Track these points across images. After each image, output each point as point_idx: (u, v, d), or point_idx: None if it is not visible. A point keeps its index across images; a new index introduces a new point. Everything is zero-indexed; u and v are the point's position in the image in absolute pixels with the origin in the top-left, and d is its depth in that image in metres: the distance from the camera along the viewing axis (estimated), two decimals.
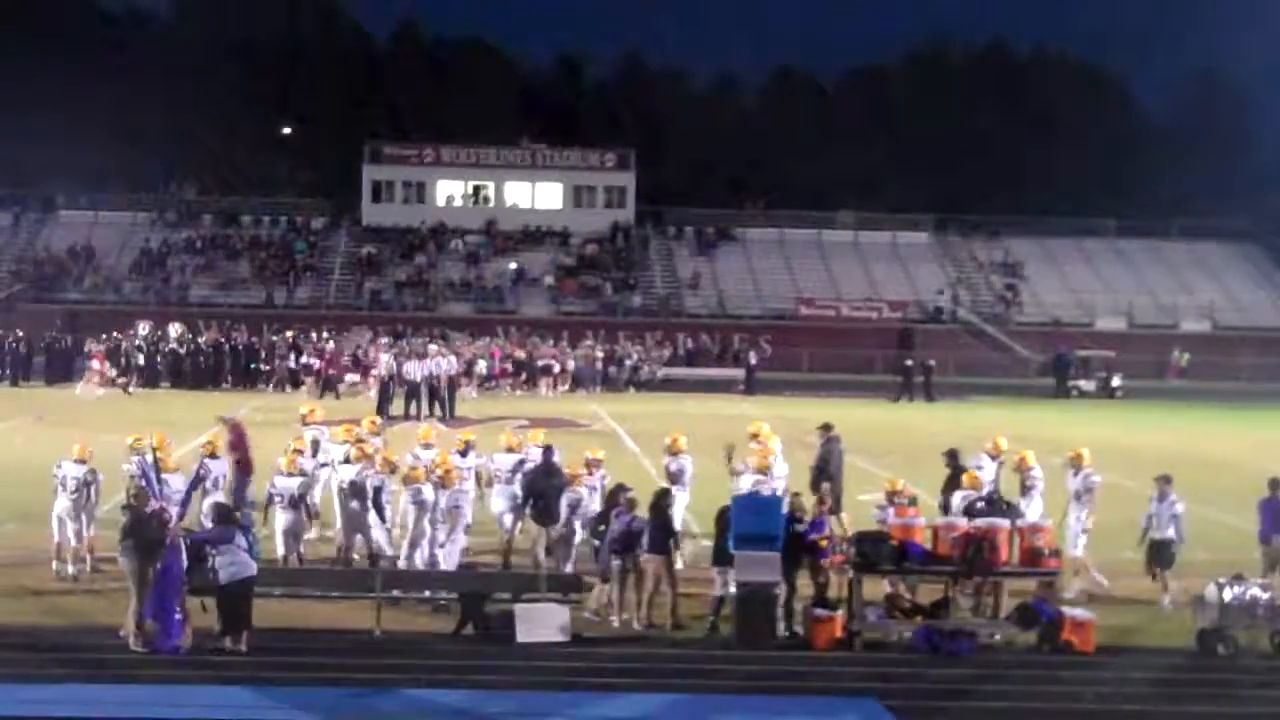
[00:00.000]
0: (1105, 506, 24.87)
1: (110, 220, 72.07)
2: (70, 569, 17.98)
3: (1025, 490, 19.31)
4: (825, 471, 21.31)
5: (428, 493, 17.48)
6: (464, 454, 19.28)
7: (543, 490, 18.28)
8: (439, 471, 17.94)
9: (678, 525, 18.32)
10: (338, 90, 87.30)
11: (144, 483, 15.77)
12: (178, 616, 14.77)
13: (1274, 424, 43.77)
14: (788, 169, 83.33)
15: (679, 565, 17.44)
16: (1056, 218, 74.30)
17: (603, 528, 17.15)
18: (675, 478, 19.88)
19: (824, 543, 16.49)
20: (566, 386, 50.72)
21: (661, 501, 17.17)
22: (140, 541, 15.07)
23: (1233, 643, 15.45)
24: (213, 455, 19.16)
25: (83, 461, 18.16)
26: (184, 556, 15.00)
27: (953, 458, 20.16)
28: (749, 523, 15.87)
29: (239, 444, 20.01)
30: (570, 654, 15.07)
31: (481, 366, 49.61)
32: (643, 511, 16.88)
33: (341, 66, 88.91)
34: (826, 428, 22.53)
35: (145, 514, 15.35)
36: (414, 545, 17.56)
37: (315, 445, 20.09)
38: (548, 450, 19.06)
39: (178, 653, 14.59)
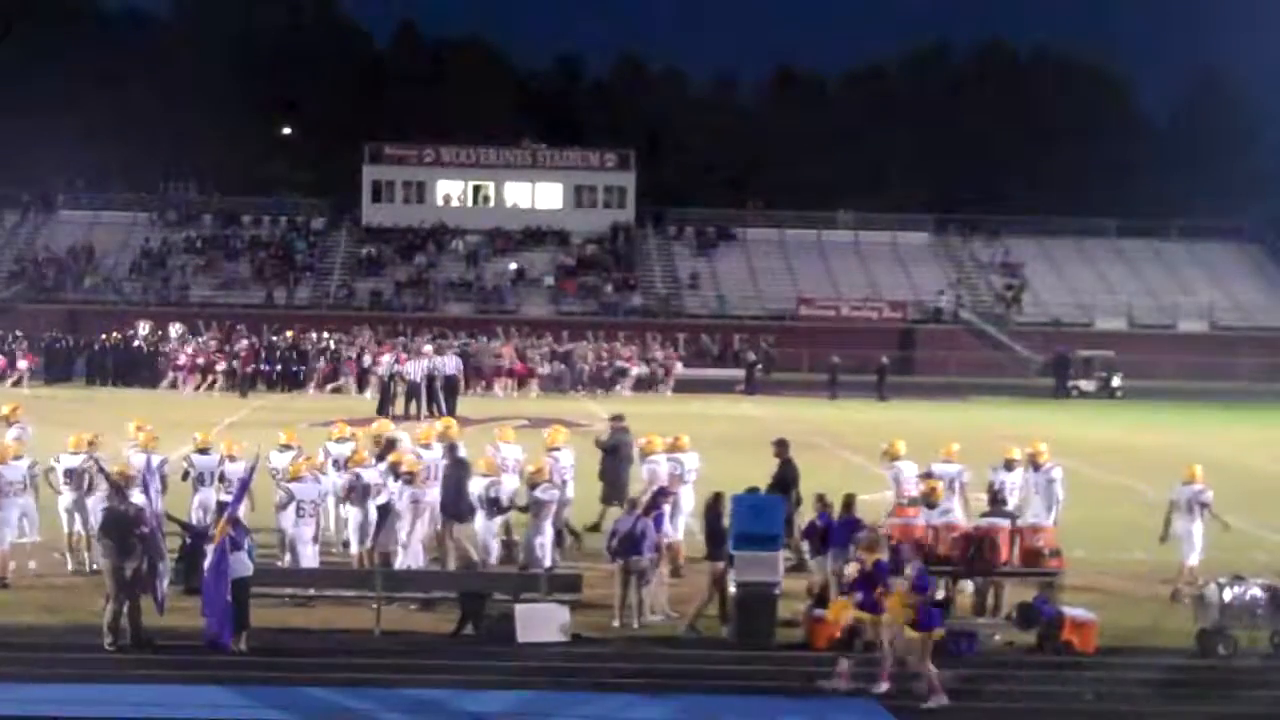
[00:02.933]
0: (1105, 506, 24.95)
1: (110, 220, 72.10)
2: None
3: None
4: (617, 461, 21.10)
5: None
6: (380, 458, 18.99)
7: (450, 486, 18.25)
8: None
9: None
10: (338, 90, 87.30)
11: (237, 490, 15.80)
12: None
13: (1274, 424, 43.79)
14: (788, 169, 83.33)
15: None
16: (1056, 218, 74.31)
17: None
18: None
19: None
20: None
21: (715, 508, 17.06)
22: (118, 540, 15.04)
23: (1233, 643, 15.44)
24: (203, 451, 19.16)
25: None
26: (229, 554, 14.97)
27: (782, 447, 20.09)
28: (749, 523, 15.86)
29: None
30: (570, 654, 15.07)
31: (546, 368, 50.59)
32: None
33: (341, 66, 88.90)
34: (617, 418, 22.53)
35: (122, 511, 15.29)
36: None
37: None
38: (452, 447, 18.98)
39: (229, 651, 14.59)
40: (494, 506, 17.72)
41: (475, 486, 17.96)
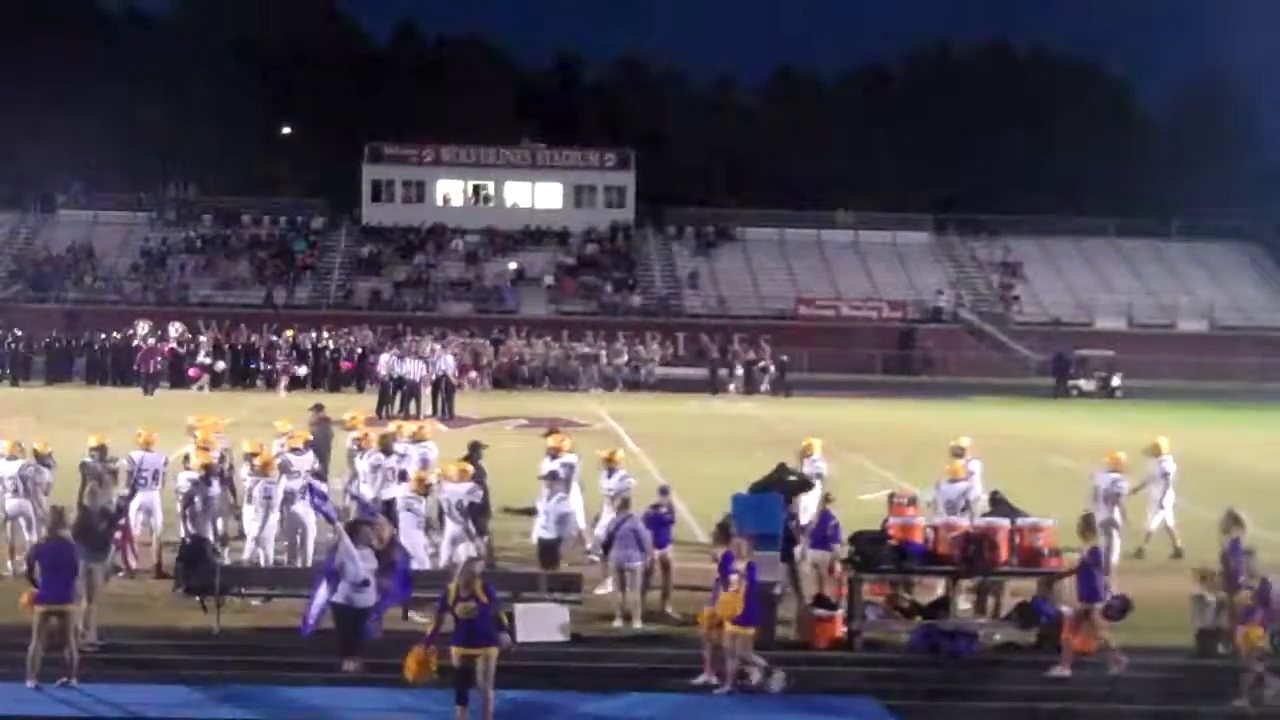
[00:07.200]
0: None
1: (110, 220, 72.06)
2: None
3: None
4: (320, 452, 20.71)
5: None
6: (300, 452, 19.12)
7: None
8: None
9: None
10: (338, 90, 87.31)
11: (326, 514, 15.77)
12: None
13: (1274, 424, 43.77)
14: (788, 169, 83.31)
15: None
16: (1056, 218, 74.33)
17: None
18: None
19: None
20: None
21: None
22: (89, 541, 14.96)
23: (1232, 643, 15.42)
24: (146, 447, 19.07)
25: (14, 458, 18.30)
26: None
27: (550, 431, 20.40)
28: (749, 522, 15.84)
29: None
30: (570, 654, 15.06)
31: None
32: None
33: (341, 66, 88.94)
34: (317, 408, 22.39)
35: (95, 513, 15.29)
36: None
37: None
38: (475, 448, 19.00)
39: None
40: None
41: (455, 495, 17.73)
